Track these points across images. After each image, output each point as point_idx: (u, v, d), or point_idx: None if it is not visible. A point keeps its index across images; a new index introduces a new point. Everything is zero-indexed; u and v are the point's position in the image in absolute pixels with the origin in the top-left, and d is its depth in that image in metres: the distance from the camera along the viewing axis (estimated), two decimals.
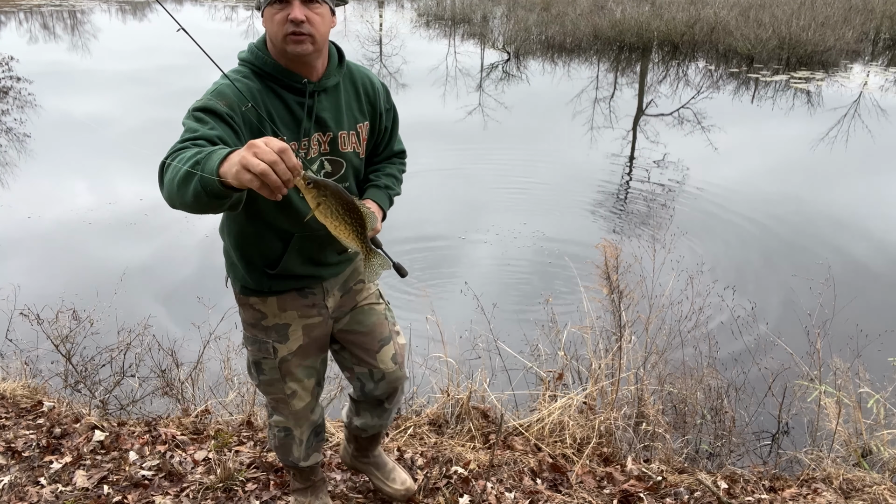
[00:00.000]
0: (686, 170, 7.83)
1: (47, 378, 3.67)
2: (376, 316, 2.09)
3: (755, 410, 3.42)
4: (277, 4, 1.63)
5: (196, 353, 3.61)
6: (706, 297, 3.80)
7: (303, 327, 1.97)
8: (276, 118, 1.68)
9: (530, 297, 4.71)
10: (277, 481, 2.55)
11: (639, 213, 6.67)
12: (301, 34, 1.62)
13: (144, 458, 2.71)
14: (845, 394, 3.11)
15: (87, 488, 2.50)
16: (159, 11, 23.71)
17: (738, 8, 16.69)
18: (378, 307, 2.10)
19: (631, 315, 3.33)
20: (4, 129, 9.47)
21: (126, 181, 7.32)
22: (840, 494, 2.63)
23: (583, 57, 15.51)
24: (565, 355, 3.39)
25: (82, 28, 19.78)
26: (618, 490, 2.60)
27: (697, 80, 12.96)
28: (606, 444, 2.95)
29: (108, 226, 6.19)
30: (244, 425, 3.10)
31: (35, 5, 23.85)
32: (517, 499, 2.51)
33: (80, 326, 3.82)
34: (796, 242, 5.98)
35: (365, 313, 2.07)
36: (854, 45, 14.74)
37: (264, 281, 1.88)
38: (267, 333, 1.95)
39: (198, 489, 2.49)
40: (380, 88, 1.92)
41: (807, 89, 11.85)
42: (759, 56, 14.29)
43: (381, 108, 1.92)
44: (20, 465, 2.64)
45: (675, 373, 3.42)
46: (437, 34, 18.94)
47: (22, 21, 20.94)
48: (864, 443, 3.04)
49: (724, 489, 2.64)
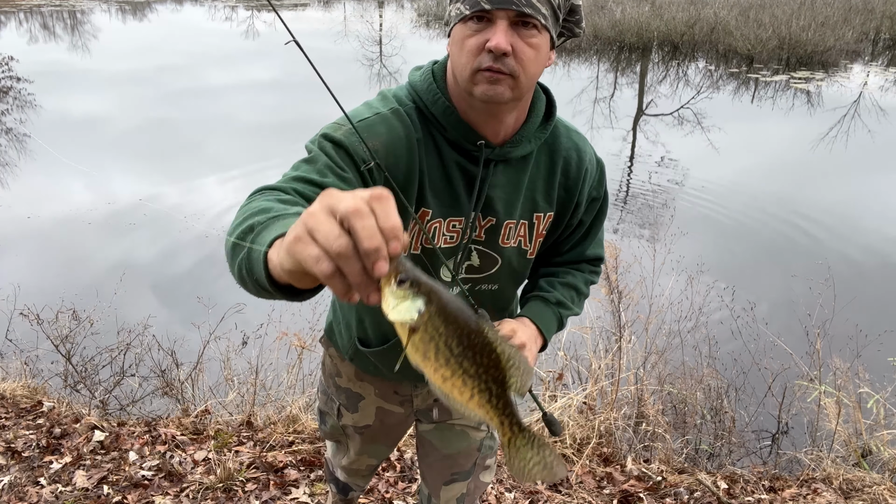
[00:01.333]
0: (686, 170, 7.83)
1: (47, 378, 3.67)
2: (466, 443, 1.59)
3: (755, 410, 3.42)
4: (474, 23, 1.11)
5: (196, 353, 3.61)
6: (706, 296, 3.80)
7: (377, 409, 1.58)
8: (428, 183, 1.21)
9: None
10: (277, 481, 2.55)
11: (639, 213, 6.67)
12: (500, 72, 1.10)
13: (144, 458, 2.71)
14: (845, 394, 3.11)
15: (87, 488, 2.50)
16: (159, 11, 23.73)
17: (738, 8, 16.70)
18: (474, 435, 1.58)
19: (631, 315, 3.33)
20: (4, 129, 9.47)
21: (126, 181, 7.33)
22: (840, 494, 2.63)
23: (583, 57, 15.51)
24: (565, 355, 3.39)
25: (82, 28, 19.79)
26: (618, 490, 2.60)
27: (697, 80, 12.96)
28: (606, 444, 2.95)
29: (107, 225, 6.19)
30: (244, 425, 3.10)
31: (35, 5, 23.85)
32: (517, 499, 2.51)
33: (80, 326, 3.82)
34: (796, 242, 5.98)
35: (454, 435, 1.58)
36: (854, 45, 14.75)
37: (349, 347, 1.49)
38: (337, 393, 1.60)
39: (198, 489, 2.49)
40: (590, 169, 1.33)
41: (807, 89, 11.85)
42: (759, 56, 14.29)
43: (583, 195, 1.34)
44: (20, 465, 2.64)
45: (675, 373, 3.42)
46: (437, 34, 18.93)
47: (22, 21, 20.94)
48: (864, 443, 3.05)
49: (724, 489, 2.64)
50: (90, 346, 3.80)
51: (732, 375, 3.57)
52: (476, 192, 1.22)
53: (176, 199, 6.76)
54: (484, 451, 1.61)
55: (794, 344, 3.53)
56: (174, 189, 7.08)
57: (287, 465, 2.68)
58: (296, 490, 2.50)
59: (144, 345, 3.76)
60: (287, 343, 3.49)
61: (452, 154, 1.22)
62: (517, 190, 1.27)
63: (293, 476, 2.60)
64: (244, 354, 3.67)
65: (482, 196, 1.23)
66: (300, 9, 25.01)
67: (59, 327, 3.74)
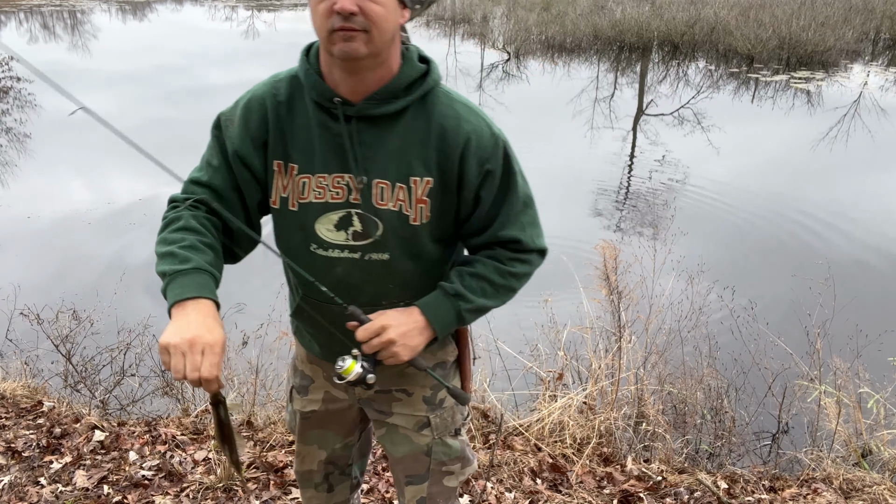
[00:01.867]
0: (686, 170, 7.83)
1: (47, 378, 3.67)
2: (410, 447, 1.57)
3: (755, 410, 3.42)
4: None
5: None
6: (706, 296, 3.80)
7: (324, 394, 1.59)
8: (291, 140, 1.33)
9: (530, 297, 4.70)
10: (277, 481, 2.55)
11: (639, 212, 6.67)
12: (353, 30, 1.17)
13: (144, 458, 2.71)
14: (845, 394, 3.11)
15: (87, 488, 2.50)
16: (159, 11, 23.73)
17: (738, 8, 16.69)
18: (417, 439, 1.56)
19: (631, 315, 3.33)
20: (4, 129, 9.47)
21: (125, 181, 7.33)
22: (840, 494, 2.63)
23: (583, 57, 15.52)
24: (565, 355, 3.39)
25: (82, 28, 19.79)
26: (618, 490, 2.60)
27: (697, 80, 12.96)
28: (606, 444, 2.95)
29: (107, 225, 6.19)
30: (244, 425, 3.10)
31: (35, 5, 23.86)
32: (517, 499, 2.51)
33: (80, 326, 3.82)
34: (796, 242, 5.98)
35: (399, 439, 1.58)
36: (854, 45, 14.75)
37: (292, 321, 1.57)
38: (294, 375, 1.65)
39: (198, 489, 2.49)
40: (475, 139, 1.31)
41: (807, 89, 11.85)
42: (759, 56, 14.29)
43: (467, 166, 1.32)
44: (20, 465, 2.64)
45: (675, 373, 3.42)
46: (437, 34, 18.94)
47: (22, 21, 20.94)
48: (864, 443, 3.05)
49: (724, 489, 2.64)
50: (90, 346, 3.80)
51: (732, 375, 3.57)
52: (342, 150, 1.30)
53: None
54: (436, 455, 1.58)
55: (794, 344, 3.53)
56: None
57: (287, 464, 2.69)
58: (296, 490, 2.50)
59: (144, 345, 3.76)
60: (287, 343, 3.49)
61: (316, 113, 1.30)
62: (384, 148, 1.30)
63: (293, 476, 2.60)
64: (244, 354, 3.67)
65: (346, 153, 1.29)
66: (300, 9, 25.00)
67: (59, 327, 3.74)
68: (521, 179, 1.40)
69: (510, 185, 1.37)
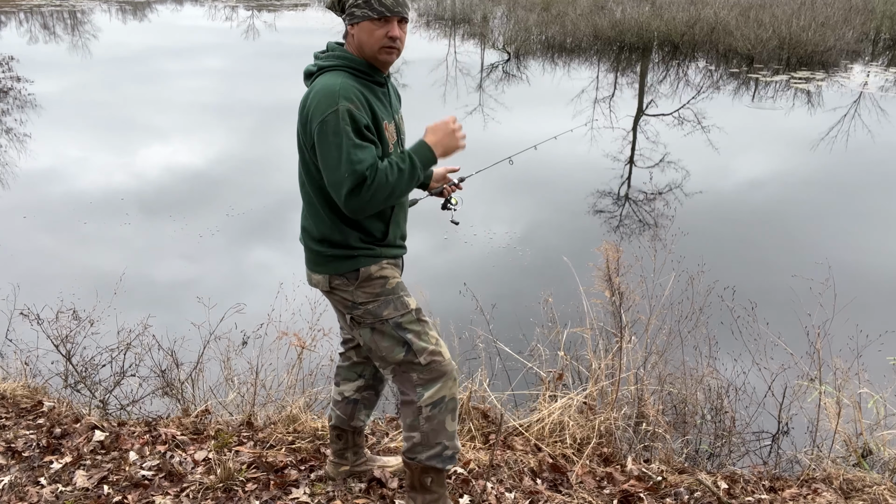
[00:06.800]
0: (686, 169, 7.83)
1: (47, 378, 3.66)
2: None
3: (755, 410, 3.41)
4: (378, 22, 1.92)
5: (196, 353, 3.60)
6: (706, 297, 3.80)
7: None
8: (377, 107, 1.98)
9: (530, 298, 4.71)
10: (277, 481, 2.55)
11: (639, 213, 6.67)
12: (394, 49, 1.96)
13: (144, 458, 2.71)
14: (845, 394, 3.10)
15: (87, 488, 2.49)
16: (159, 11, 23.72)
17: (738, 8, 16.70)
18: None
19: (631, 315, 3.33)
20: (4, 129, 9.47)
21: (125, 181, 7.33)
22: (840, 494, 2.63)
23: (583, 57, 15.52)
24: (565, 355, 3.39)
25: (82, 28, 19.79)
26: (618, 490, 2.60)
27: (697, 80, 12.96)
28: (606, 444, 2.95)
29: (107, 225, 6.20)
30: (244, 425, 3.10)
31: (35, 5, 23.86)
32: (517, 499, 2.51)
33: (80, 326, 3.82)
34: (796, 242, 5.98)
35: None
36: (854, 45, 14.75)
37: (377, 250, 2.09)
38: (395, 291, 2.09)
39: (198, 489, 2.49)
40: None
41: (807, 89, 11.85)
42: (759, 56, 14.29)
43: None
44: (20, 465, 2.64)
45: (675, 373, 3.42)
46: (438, 34, 18.95)
47: (22, 21, 20.94)
48: (864, 443, 3.05)
49: (724, 489, 2.64)
50: (90, 346, 3.80)
51: (732, 375, 3.57)
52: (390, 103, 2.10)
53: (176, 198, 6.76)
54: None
55: (794, 344, 3.53)
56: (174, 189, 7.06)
57: (287, 464, 2.68)
58: (296, 490, 2.50)
59: (144, 345, 3.76)
60: (287, 343, 3.49)
61: (373, 87, 2.02)
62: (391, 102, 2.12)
63: (293, 476, 2.60)
64: (244, 354, 3.67)
65: (388, 107, 2.07)
66: (300, 9, 25.01)
67: (59, 327, 3.74)
68: None
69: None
